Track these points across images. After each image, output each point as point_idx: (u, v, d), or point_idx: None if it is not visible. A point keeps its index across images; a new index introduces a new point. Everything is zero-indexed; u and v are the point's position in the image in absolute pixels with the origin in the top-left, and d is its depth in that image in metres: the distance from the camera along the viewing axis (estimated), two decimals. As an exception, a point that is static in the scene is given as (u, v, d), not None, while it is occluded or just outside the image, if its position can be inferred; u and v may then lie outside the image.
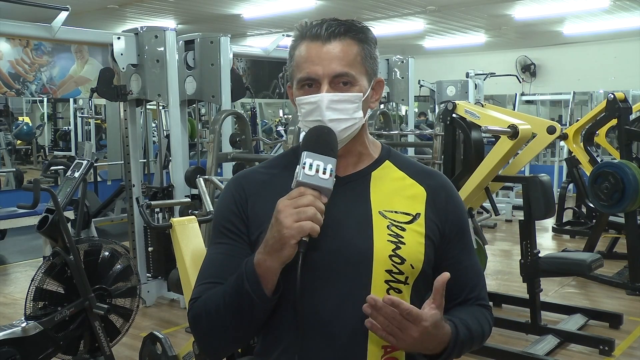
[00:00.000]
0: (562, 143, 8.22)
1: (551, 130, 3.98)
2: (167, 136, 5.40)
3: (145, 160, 6.75)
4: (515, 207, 7.92)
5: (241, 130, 4.82)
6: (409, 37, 10.30)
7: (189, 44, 4.89)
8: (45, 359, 3.06)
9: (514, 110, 9.18)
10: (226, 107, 4.79)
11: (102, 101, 8.56)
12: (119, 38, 4.44)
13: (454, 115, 4.08)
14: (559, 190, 7.34)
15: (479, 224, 4.36)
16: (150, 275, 4.82)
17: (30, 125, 10.91)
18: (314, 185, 1.14)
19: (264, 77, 7.11)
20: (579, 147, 5.32)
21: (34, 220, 3.88)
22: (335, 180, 1.17)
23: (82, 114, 9.89)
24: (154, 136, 8.24)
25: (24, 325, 2.98)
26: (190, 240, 2.73)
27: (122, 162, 4.89)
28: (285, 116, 12.26)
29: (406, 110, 9.45)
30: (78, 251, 3.15)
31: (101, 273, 3.30)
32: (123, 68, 4.47)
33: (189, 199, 3.96)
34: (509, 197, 8.41)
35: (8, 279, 5.74)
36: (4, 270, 6.04)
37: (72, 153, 9.48)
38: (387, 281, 1.22)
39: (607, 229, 6.01)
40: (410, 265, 1.23)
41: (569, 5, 7.82)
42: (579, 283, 5.16)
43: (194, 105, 5.85)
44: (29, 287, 3.09)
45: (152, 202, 3.30)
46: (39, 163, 10.40)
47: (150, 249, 4.70)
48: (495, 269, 5.63)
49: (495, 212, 4.23)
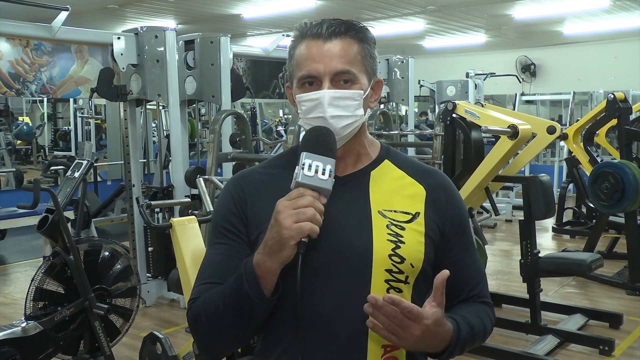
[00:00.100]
0: (562, 143, 8.22)
1: (551, 130, 3.98)
2: (167, 136, 5.40)
3: (145, 160, 6.74)
4: (515, 207, 7.91)
5: (241, 130, 4.82)
6: (409, 37, 10.29)
7: (189, 44, 4.89)
8: (45, 359, 3.06)
9: (514, 110, 9.18)
10: (226, 107, 4.79)
11: (102, 101, 8.56)
12: (119, 38, 4.44)
13: (454, 115, 4.08)
14: (559, 190, 7.34)
15: (479, 224, 4.36)
16: (150, 275, 4.82)
17: (30, 125, 10.90)
18: (313, 186, 1.14)
19: (264, 77, 7.12)
20: (579, 147, 5.32)
21: (34, 220, 3.87)
22: (334, 180, 1.17)
23: (82, 114, 9.88)
24: (154, 136, 8.23)
25: (24, 325, 2.98)
26: (190, 240, 2.73)
27: (122, 162, 4.88)
28: (285, 116, 12.26)
29: (406, 110, 9.45)
30: (78, 251, 3.15)
31: (101, 273, 3.30)
32: (123, 68, 4.47)
33: (189, 199, 3.95)
34: (509, 197, 8.40)
35: (8, 279, 5.74)
36: (4, 270, 6.04)
37: (72, 153, 9.47)
38: (387, 280, 1.22)
39: (607, 229, 6.00)
40: (410, 264, 1.23)
41: (569, 5, 7.81)
42: (579, 283, 5.15)
43: (194, 105, 5.85)
44: (29, 287, 3.09)
45: (152, 202, 3.30)
46: (39, 163, 10.39)
47: (150, 249, 4.69)
48: (495, 269, 5.62)
49: (495, 212, 4.23)
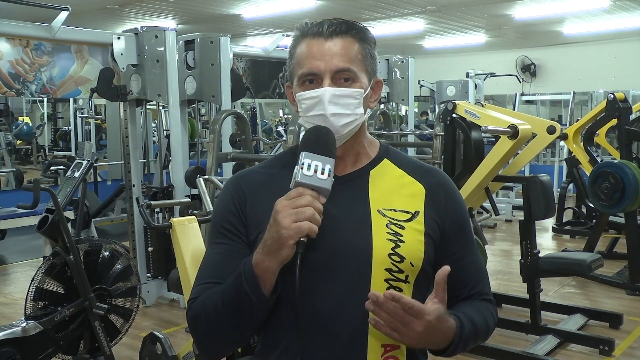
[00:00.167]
0: (562, 143, 8.21)
1: (551, 130, 3.98)
2: (167, 136, 5.40)
3: (145, 160, 6.74)
4: (515, 207, 7.91)
5: (241, 130, 4.82)
6: (409, 37, 10.30)
7: (189, 44, 4.89)
8: (45, 359, 3.06)
9: (514, 110, 9.18)
10: (226, 107, 4.79)
11: (102, 101, 8.56)
12: (119, 38, 4.44)
13: (454, 115, 4.08)
14: (559, 190, 7.34)
15: (479, 224, 4.36)
16: (150, 275, 4.82)
17: (30, 125, 10.89)
18: (313, 185, 1.14)
19: (264, 77, 7.11)
20: (579, 147, 5.32)
21: (34, 220, 3.87)
22: (333, 180, 1.17)
23: (82, 114, 9.88)
24: (154, 136, 8.23)
25: (24, 325, 2.98)
26: (190, 240, 2.73)
27: (122, 162, 4.88)
28: (285, 116, 12.26)
29: (406, 110, 9.45)
30: (78, 251, 3.15)
31: (101, 273, 3.30)
32: (123, 68, 4.47)
33: (189, 199, 3.95)
34: (509, 197, 8.40)
35: (8, 279, 5.74)
36: (4, 270, 6.04)
37: (72, 153, 9.47)
38: (387, 280, 1.22)
39: (607, 229, 6.00)
40: (410, 263, 1.23)
41: (569, 5, 7.81)
42: (579, 283, 5.15)
43: (194, 105, 5.84)
44: (29, 287, 3.09)
45: (152, 202, 3.30)
46: (39, 163, 10.38)
47: (150, 249, 4.69)
48: (495, 269, 5.62)
49: (495, 212, 4.23)
